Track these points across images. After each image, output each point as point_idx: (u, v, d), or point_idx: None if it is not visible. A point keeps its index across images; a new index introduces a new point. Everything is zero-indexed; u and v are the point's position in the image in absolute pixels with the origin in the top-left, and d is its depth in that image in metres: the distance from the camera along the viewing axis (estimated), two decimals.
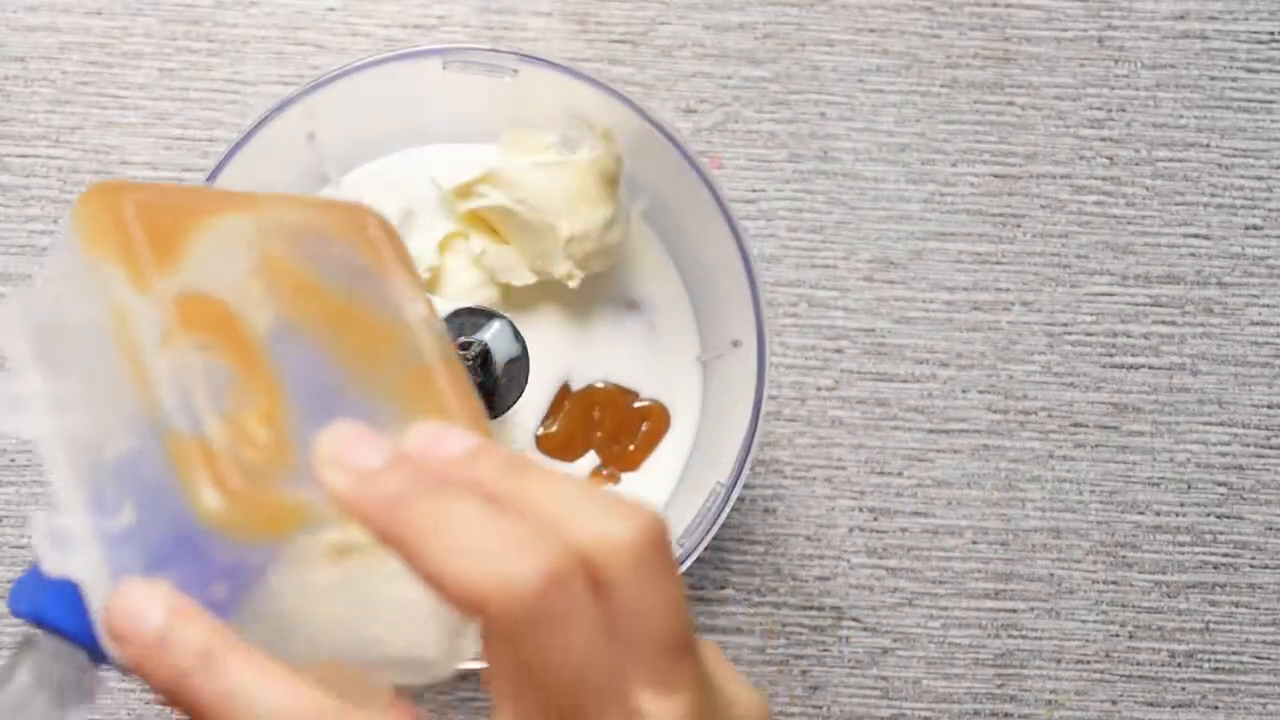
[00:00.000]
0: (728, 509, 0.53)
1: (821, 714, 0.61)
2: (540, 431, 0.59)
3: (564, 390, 0.59)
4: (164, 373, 0.34)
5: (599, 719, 0.31)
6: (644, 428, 0.59)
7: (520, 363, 0.55)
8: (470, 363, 0.52)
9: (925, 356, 0.63)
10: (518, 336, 0.55)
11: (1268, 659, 0.62)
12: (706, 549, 0.55)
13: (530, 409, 0.59)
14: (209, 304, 0.36)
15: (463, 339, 0.53)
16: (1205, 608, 0.62)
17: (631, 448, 0.59)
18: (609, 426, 0.59)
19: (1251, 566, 0.63)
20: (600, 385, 0.59)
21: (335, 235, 0.40)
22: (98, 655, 0.35)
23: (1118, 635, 0.62)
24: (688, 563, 0.53)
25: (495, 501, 0.32)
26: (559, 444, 0.59)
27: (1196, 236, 0.64)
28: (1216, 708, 0.62)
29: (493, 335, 0.54)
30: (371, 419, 0.35)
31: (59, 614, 0.35)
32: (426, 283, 0.58)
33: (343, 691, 0.33)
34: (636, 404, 0.59)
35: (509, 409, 0.55)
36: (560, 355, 0.59)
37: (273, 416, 0.35)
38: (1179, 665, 0.62)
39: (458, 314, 0.55)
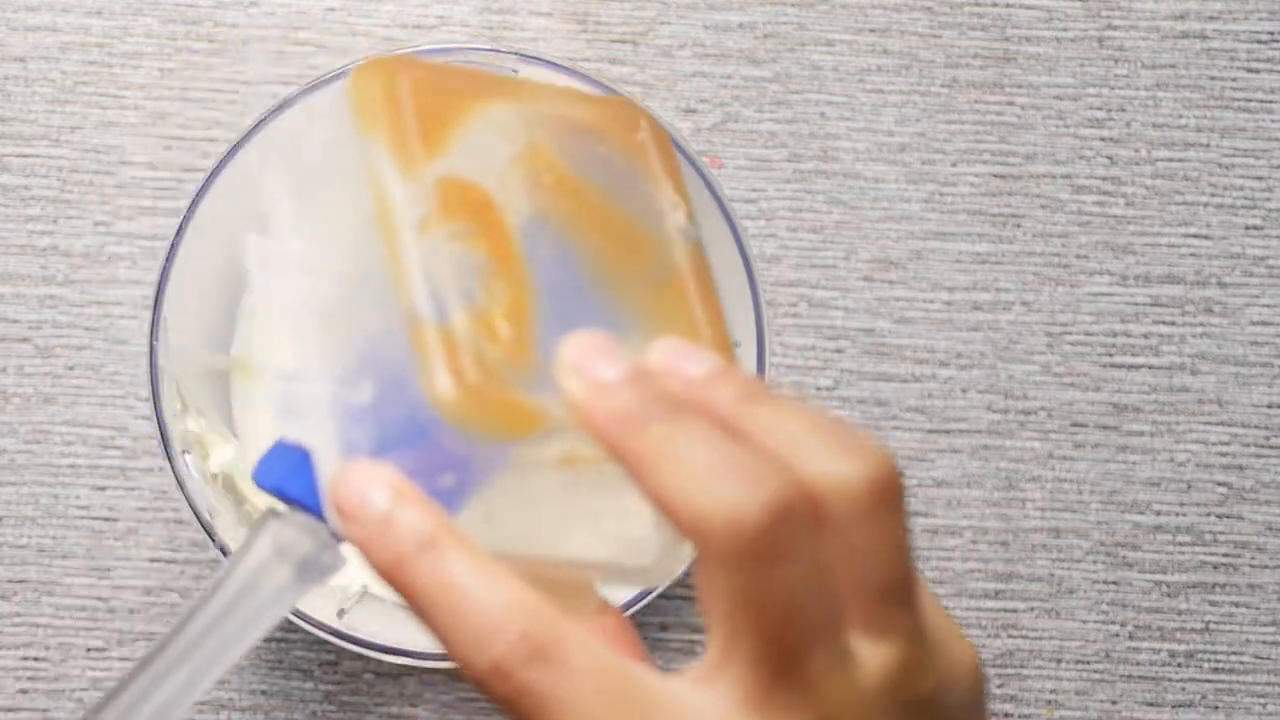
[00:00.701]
0: None
1: None
2: None
3: None
4: (418, 260, 0.34)
5: (808, 655, 0.31)
6: None
7: None
8: None
9: (925, 356, 0.63)
10: None
11: (1268, 659, 0.62)
12: None
13: None
14: (471, 190, 0.36)
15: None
16: (1205, 608, 0.62)
17: None
18: None
19: (1251, 566, 0.63)
20: None
21: (605, 133, 0.40)
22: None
23: (1118, 635, 0.62)
24: (687, 562, 0.53)
25: (729, 428, 0.32)
26: None
27: (1196, 236, 0.64)
28: (1216, 708, 0.62)
29: None
30: (616, 325, 0.36)
31: (300, 488, 0.35)
32: None
33: (553, 591, 0.33)
34: None
35: None
36: None
37: (518, 312, 0.35)
38: (1179, 665, 0.62)
39: None
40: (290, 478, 0.35)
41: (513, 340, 0.35)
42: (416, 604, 0.33)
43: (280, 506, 0.36)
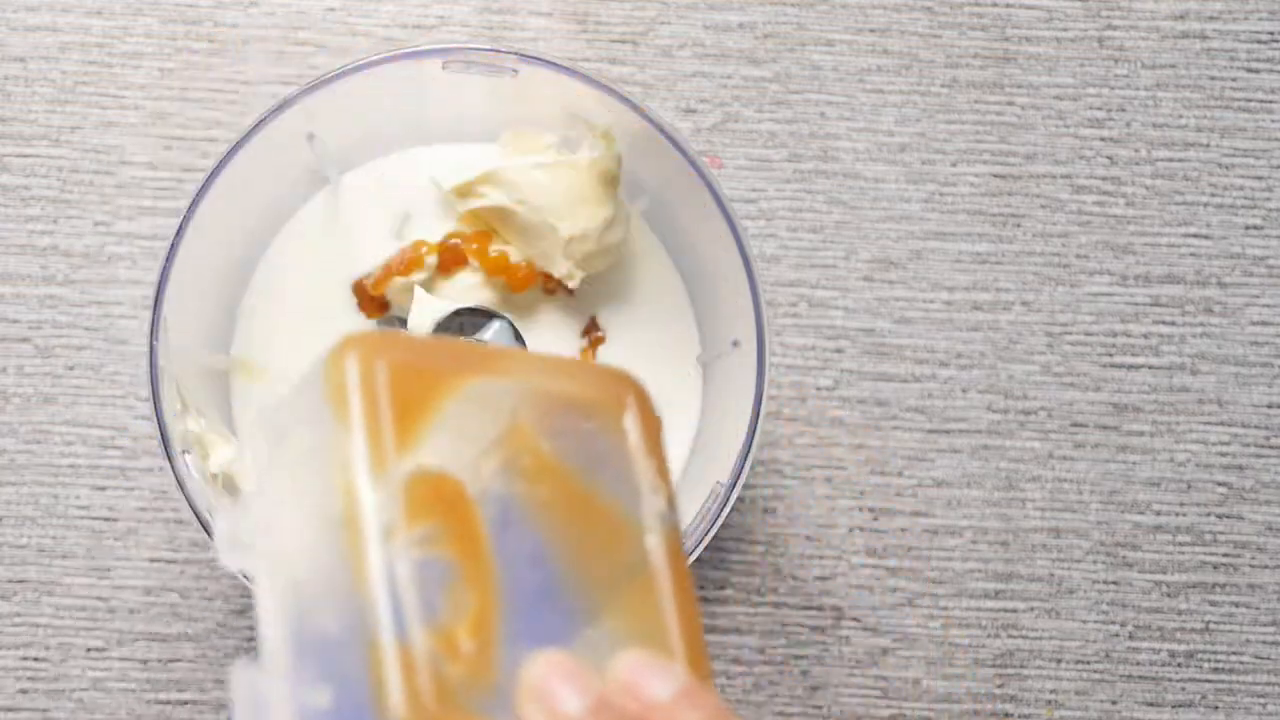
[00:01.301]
0: (728, 509, 0.53)
1: (821, 714, 0.61)
2: None
3: None
4: (380, 572, 0.33)
5: None
6: None
7: None
8: None
9: (925, 356, 0.63)
10: (518, 336, 0.55)
11: (1268, 659, 0.62)
12: (706, 549, 0.55)
13: None
14: (443, 485, 0.35)
15: (462, 339, 0.53)
16: (1205, 608, 0.62)
17: None
18: None
19: (1251, 566, 0.63)
20: None
21: (591, 410, 0.39)
22: None
23: (1118, 635, 0.62)
24: (687, 562, 0.53)
25: None
26: None
27: (1196, 236, 0.64)
28: (1216, 708, 0.62)
29: (493, 335, 0.54)
30: (585, 626, 0.35)
31: None
32: (426, 283, 0.58)
33: None
34: None
35: None
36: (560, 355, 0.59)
37: (483, 623, 0.34)
38: (1179, 665, 0.62)
39: (458, 314, 0.55)
40: None
41: (475, 656, 0.34)
42: None
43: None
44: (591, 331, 0.59)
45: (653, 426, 0.40)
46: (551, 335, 0.59)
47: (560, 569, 0.36)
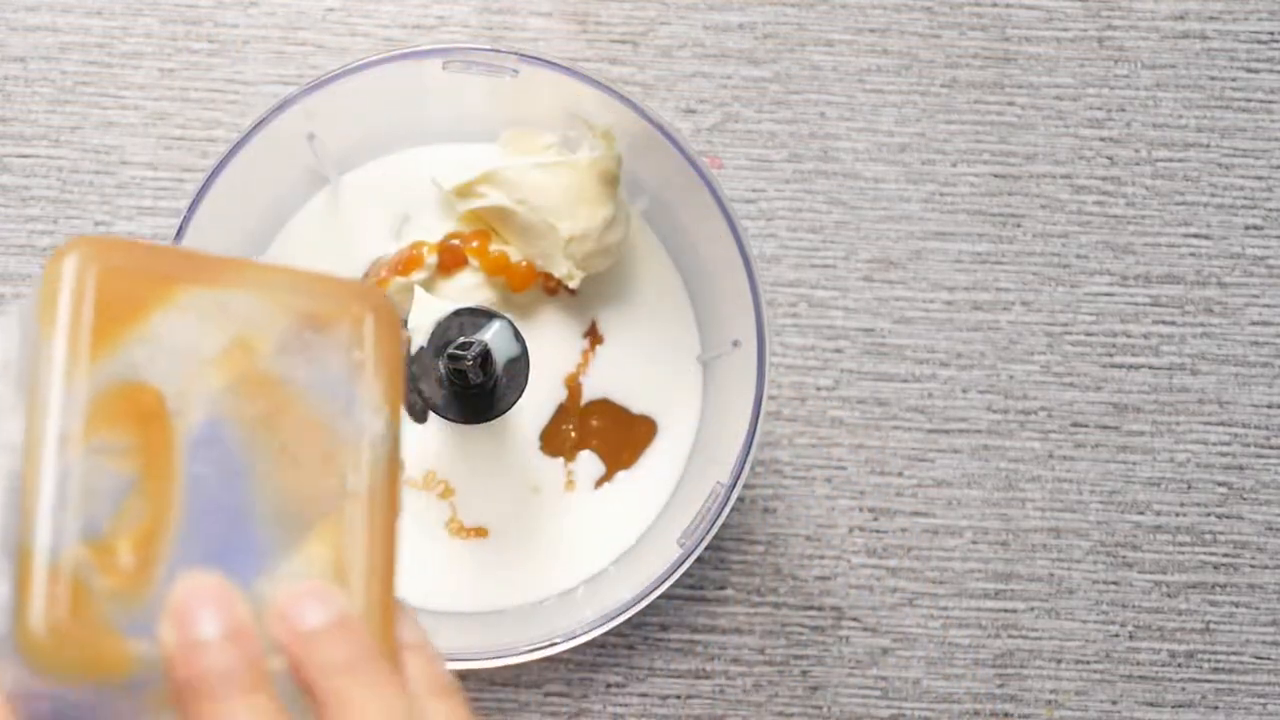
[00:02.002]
0: (728, 509, 0.53)
1: (821, 714, 0.61)
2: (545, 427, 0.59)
3: (575, 389, 0.59)
4: (48, 479, 0.33)
5: None
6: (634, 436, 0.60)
7: (520, 363, 0.55)
8: (470, 363, 0.52)
9: (925, 356, 0.63)
10: (518, 336, 0.54)
11: (1268, 659, 0.62)
12: (706, 549, 0.55)
13: (530, 409, 0.59)
14: (141, 395, 0.35)
15: (463, 339, 0.53)
16: (1205, 608, 0.62)
17: (624, 454, 0.60)
18: (606, 434, 0.60)
19: (1251, 566, 0.63)
20: (598, 399, 0.60)
21: (325, 324, 0.38)
22: None
23: (1118, 635, 0.62)
24: (688, 563, 0.53)
25: (308, 690, 0.32)
26: (559, 443, 0.59)
27: (1196, 236, 0.64)
28: (1216, 708, 0.62)
29: (493, 335, 0.54)
30: (264, 553, 0.34)
31: None
32: (426, 283, 0.58)
33: None
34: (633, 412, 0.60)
35: (509, 409, 0.55)
36: (560, 355, 0.59)
37: (151, 539, 0.34)
38: (1179, 665, 0.62)
39: (458, 314, 0.54)
40: None
41: (132, 571, 0.33)
42: None
43: None
44: (591, 334, 0.60)
45: (389, 345, 0.39)
46: (552, 335, 0.59)
47: (262, 495, 0.36)
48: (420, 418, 0.59)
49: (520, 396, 0.55)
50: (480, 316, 0.54)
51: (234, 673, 0.32)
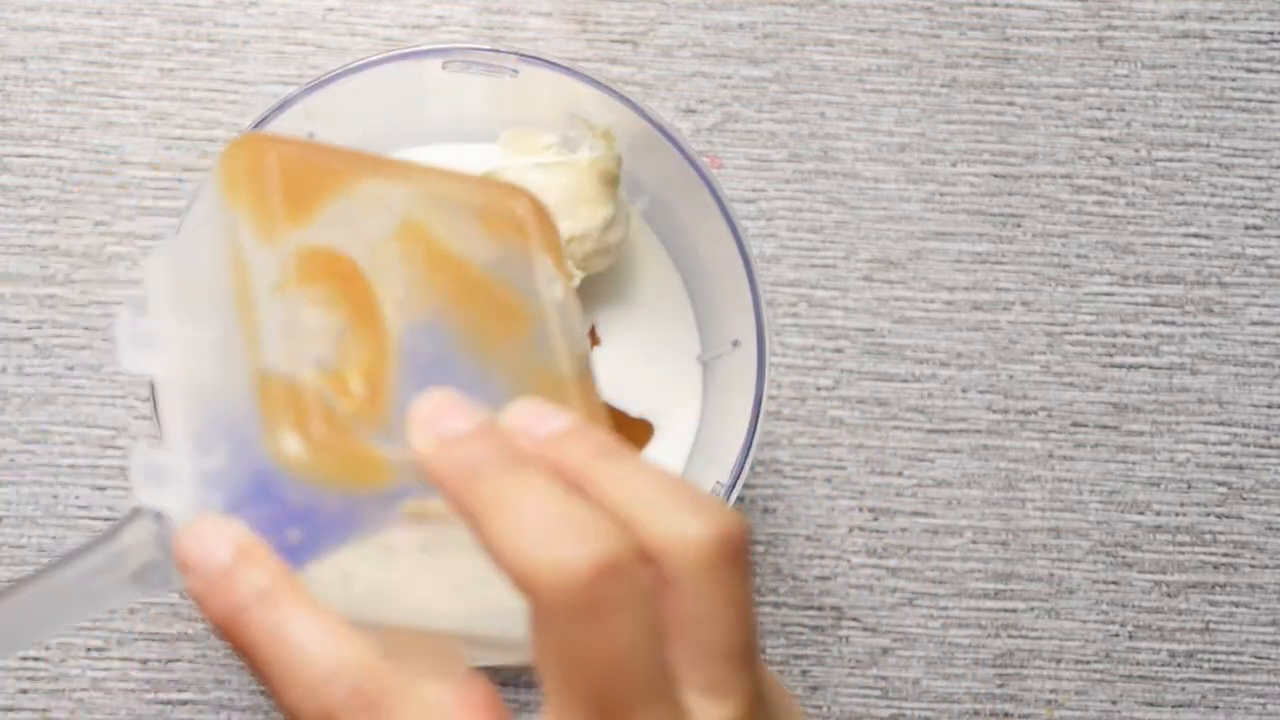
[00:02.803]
0: None
1: (821, 714, 0.61)
2: None
3: None
4: (269, 318, 0.34)
5: (637, 712, 0.31)
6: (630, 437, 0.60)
7: None
8: None
9: (925, 356, 0.63)
10: None
11: (1268, 659, 0.62)
12: None
13: None
14: (337, 260, 0.36)
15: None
16: (1205, 608, 0.62)
17: None
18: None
19: (1251, 566, 0.63)
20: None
21: (484, 211, 0.40)
22: None
23: (1118, 635, 0.62)
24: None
25: (575, 485, 0.32)
26: None
27: (1196, 236, 0.64)
28: (1216, 708, 0.62)
29: None
30: (479, 395, 0.35)
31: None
32: None
33: (414, 661, 0.33)
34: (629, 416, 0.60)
35: None
36: None
37: (376, 374, 0.35)
38: (1179, 665, 0.62)
39: None
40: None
41: (366, 398, 0.35)
42: (250, 656, 0.33)
43: (144, 510, 0.36)
44: (589, 336, 0.60)
45: (547, 226, 0.41)
46: None
47: (459, 347, 0.37)
48: None
49: None
50: None
51: (496, 454, 0.32)
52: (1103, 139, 0.65)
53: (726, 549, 0.32)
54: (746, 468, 0.53)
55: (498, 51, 0.55)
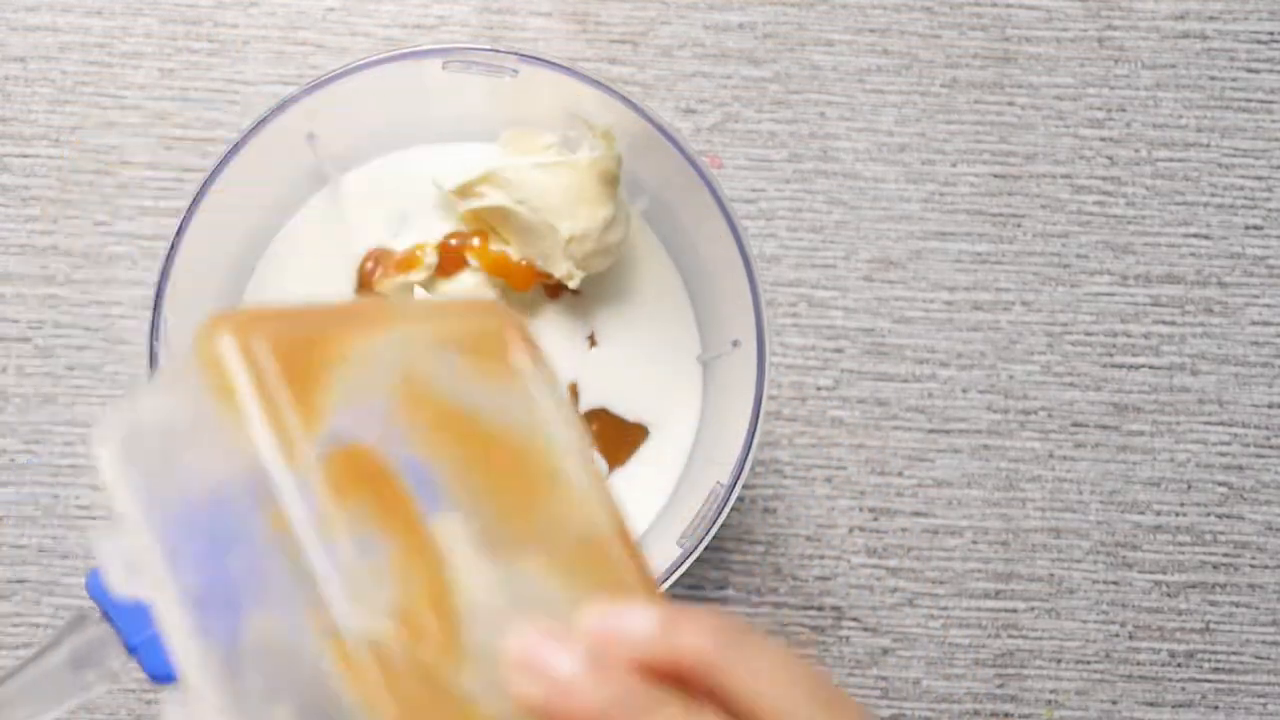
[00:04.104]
0: (728, 509, 0.53)
1: None
2: None
3: (571, 391, 0.59)
4: (328, 568, 0.30)
5: None
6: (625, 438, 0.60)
7: None
8: None
9: (925, 356, 0.63)
10: None
11: (1268, 659, 0.62)
12: (706, 549, 0.55)
13: None
14: (357, 457, 0.32)
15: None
16: (1205, 608, 0.62)
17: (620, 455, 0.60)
18: (603, 438, 0.60)
19: (1251, 566, 0.63)
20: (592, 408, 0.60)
21: (468, 344, 0.36)
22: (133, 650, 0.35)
23: (1118, 635, 0.62)
24: (688, 563, 0.53)
25: (706, 688, 0.31)
26: None
27: (1196, 236, 0.64)
28: (1216, 708, 0.62)
29: None
30: (531, 583, 0.33)
31: (124, 617, 0.35)
32: (426, 283, 0.58)
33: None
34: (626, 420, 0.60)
35: None
36: (560, 355, 0.59)
37: (438, 596, 0.31)
38: (1179, 665, 0.62)
39: None
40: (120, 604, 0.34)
41: (440, 633, 0.31)
42: None
43: (92, 614, 0.34)
44: (589, 338, 0.60)
45: (534, 348, 0.38)
46: (553, 335, 0.59)
47: (490, 518, 0.34)
48: None
49: None
50: None
51: (622, 695, 0.31)
52: (1103, 139, 0.65)
53: None
54: (746, 468, 0.53)
55: (498, 51, 0.55)
